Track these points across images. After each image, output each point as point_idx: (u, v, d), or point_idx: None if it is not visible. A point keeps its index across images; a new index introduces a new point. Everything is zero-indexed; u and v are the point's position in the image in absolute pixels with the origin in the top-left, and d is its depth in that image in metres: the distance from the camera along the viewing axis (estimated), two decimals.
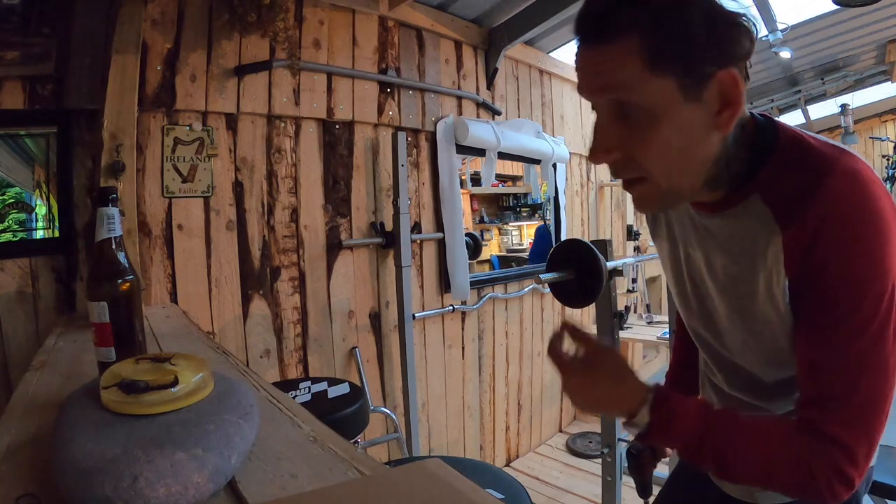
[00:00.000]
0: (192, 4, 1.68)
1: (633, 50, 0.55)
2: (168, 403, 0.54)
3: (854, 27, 3.40)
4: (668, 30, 0.54)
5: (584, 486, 2.58)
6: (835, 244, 0.54)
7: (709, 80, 0.56)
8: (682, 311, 0.82)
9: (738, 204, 0.63)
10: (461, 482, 0.47)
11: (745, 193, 0.62)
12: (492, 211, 5.65)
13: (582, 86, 0.61)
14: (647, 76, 0.55)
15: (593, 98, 0.60)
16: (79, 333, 1.22)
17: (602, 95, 0.59)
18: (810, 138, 0.60)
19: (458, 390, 2.63)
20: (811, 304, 0.57)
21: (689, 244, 0.74)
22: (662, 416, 0.60)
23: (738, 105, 0.57)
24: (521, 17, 2.52)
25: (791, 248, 0.57)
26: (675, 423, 0.60)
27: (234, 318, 1.83)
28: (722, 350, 0.74)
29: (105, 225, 0.71)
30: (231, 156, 1.82)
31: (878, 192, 0.54)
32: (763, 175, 0.61)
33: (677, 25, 0.54)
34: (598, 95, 0.59)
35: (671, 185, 0.61)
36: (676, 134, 0.57)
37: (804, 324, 0.59)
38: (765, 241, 0.60)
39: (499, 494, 1.17)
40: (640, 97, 0.56)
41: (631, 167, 0.61)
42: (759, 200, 0.61)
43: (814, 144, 0.59)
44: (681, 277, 0.78)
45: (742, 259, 0.64)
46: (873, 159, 5.53)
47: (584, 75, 0.60)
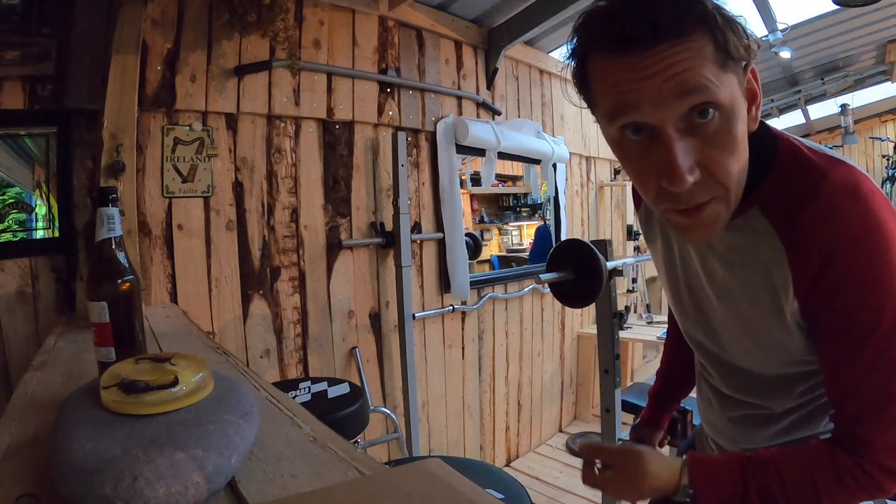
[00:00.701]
0: (192, 4, 1.68)
1: (707, 45, 0.50)
2: (168, 403, 0.54)
3: (854, 27, 3.40)
4: (729, 22, 0.51)
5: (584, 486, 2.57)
6: (845, 267, 0.54)
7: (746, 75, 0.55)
8: (677, 315, 0.81)
9: (739, 217, 0.61)
10: (461, 482, 0.47)
11: (747, 206, 0.61)
12: (492, 211, 5.65)
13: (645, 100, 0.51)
14: (719, 73, 0.51)
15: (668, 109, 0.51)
16: (79, 333, 1.22)
17: (685, 100, 0.50)
18: (808, 150, 0.59)
19: (458, 390, 2.63)
20: (830, 327, 0.57)
21: (684, 250, 0.74)
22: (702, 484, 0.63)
23: (760, 100, 0.57)
24: (521, 17, 2.53)
25: (799, 270, 0.57)
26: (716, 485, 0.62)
27: (234, 318, 1.83)
28: (722, 354, 0.74)
29: (105, 225, 0.71)
30: (231, 156, 1.82)
31: (879, 205, 0.54)
32: (764, 188, 0.60)
33: (734, 19, 0.52)
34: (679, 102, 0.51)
35: (735, 198, 0.57)
36: (743, 134, 0.54)
37: (826, 345, 0.59)
38: (767, 256, 0.60)
39: (499, 494, 1.17)
40: (722, 96, 0.51)
41: (705, 187, 0.55)
42: (760, 214, 0.60)
43: (814, 159, 0.58)
44: (676, 283, 0.77)
45: (742, 272, 0.64)
46: (873, 159, 5.53)
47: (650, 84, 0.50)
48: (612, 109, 0.54)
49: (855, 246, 0.53)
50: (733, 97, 0.52)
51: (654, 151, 0.54)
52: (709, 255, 0.68)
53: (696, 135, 0.52)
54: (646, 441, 0.98)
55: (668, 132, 0.52)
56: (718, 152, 0.53)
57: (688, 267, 0.74)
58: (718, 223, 0.58)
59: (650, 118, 0.52)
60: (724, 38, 0.50)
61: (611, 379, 1.41)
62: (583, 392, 3.48)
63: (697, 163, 0.53)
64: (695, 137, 0.52)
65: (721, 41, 0.50)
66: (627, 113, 0.53)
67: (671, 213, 0.58)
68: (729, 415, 0.77)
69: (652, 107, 0.51)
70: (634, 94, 0.51)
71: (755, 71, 0.56)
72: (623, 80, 0.52)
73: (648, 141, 0.54)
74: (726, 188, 0.55)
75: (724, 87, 0.51)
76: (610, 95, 0.54)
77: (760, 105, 0.57)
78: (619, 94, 0.53)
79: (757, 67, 0.57)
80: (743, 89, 0.55)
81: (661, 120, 0.52)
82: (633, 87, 0.51)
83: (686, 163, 0.52)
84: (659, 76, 0.50)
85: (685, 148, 0.52)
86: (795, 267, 0.57)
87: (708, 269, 0.69)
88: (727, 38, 0.50)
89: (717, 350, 0.74)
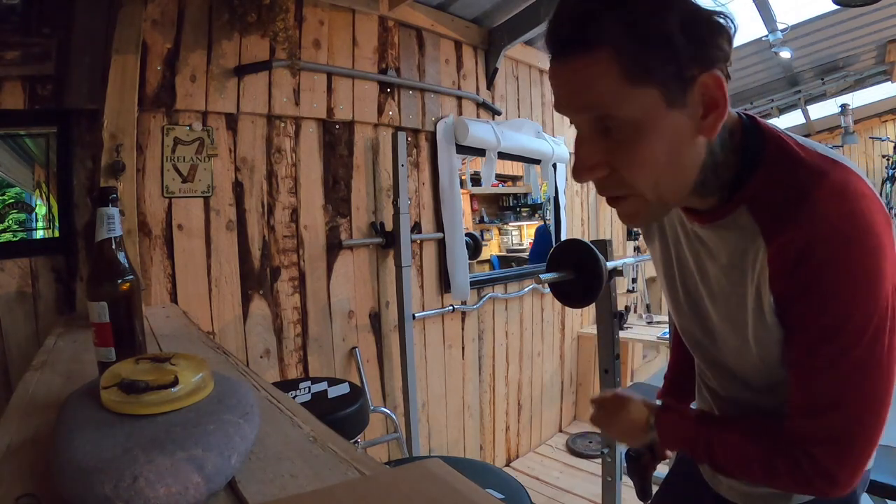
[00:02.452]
0: (192, 4, 1.68)
1: (610, 62, 0.51)
2: (168, 403, 0.54)
3: (854, 27, 3.40)
4: (645, 38, 0.51)
5: (584, 486, 2.58)
6: (818, 266, 0.53)
7: (692, 85, 0.53)
8: (674, 315, 0.81)
9: (727, 216, 0.62)
10: (461, 482, 0.47)
11: (734, 206, 0.61)
12: (492, 211, 5.66)
13: (560, 103, 0.58)
14: (626, 89, 0.52)
15: (573, 116, 0.58)
16: (79, 333, 1.22)
17: (582, 113, 0.56)
18: (798, 148, 0.58)
19: (458, 390, 2.63)
20: (796, 322, 0.58)
21: (680, 249, 0.74)
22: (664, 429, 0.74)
23: (723, 108, 0.55)
24: (521, 17, 2.53)
25: (775, 266, 0.57)
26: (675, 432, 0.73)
27: (234, 318, 1.83)
28: (717, 354, 0.73)
29: (105, 225, 0.71)
30: (231, 156, 1.83)
31: (868, 207, 0.53)
32: (751, 187, 0.59)
33: (654, 32, 0.51)
34: (577, 113, 0.57)
35: (659, 198, 0.59)
36: (663, 145, 0.55)
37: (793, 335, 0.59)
38: (753, 255, 0.60)
39: (499, 494, 1.17)
40: (622, 111, 0.53)
41: (616, 183, 0.59)
42: (747, 213, 0.60)
43: (802, 157, 0.57)
44: (673, 282, 0.77)
45: (731, 272, 0.64)
46: (873, 159, 5.53)
47: (560, 92, 0.57)
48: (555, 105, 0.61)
49: (836, 246, 0.52)
50: (645, 112, 0.53)
51: None
52: (702, 253, 0.68)
53: (608, 138, 0.56)
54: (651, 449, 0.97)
55: (579, 130, 0.59)
56: (624, 158, 0.56)
57: (683, 266, 0.74)
58: (640, 216, 0.62)
59: (569, 119, 0.59)
60: (635, 56, 0.51)
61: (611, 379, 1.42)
62: (583, 392, 3.48)
63: (606, 162, 0.58)
64: (607, 140, 0.57)
65: (629, 59, 0.51)
66: (559, 111, 0.59)
67: None
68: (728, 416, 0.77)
69: (567, 111, 0.58)
70: (557, 98, 0.58)
71: (717, 79, 0.54)
72: (552, 85, 0.58)
73: None
74: (637, 189, 0.58)
75: (631, 102, 0.53)
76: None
77: (723, 114, 0.55)
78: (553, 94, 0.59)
79: (757, 67, 0.56)
80: (688, 99, 0.54)
81: (575, 122, 0.59)
82: (556, 91, 0.58)
83: (588, 160, 0.58)
84: (565, 87, 0.56)
85: (591, 148, 0.58)
86: (773, 263, 0.57)
87: (701, 269, 0.69)
88: (638, 55, 0.51)
89: (714, 351, 0.74)
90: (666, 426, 0.73)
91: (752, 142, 0.60)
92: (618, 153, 0.56)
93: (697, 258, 0.70)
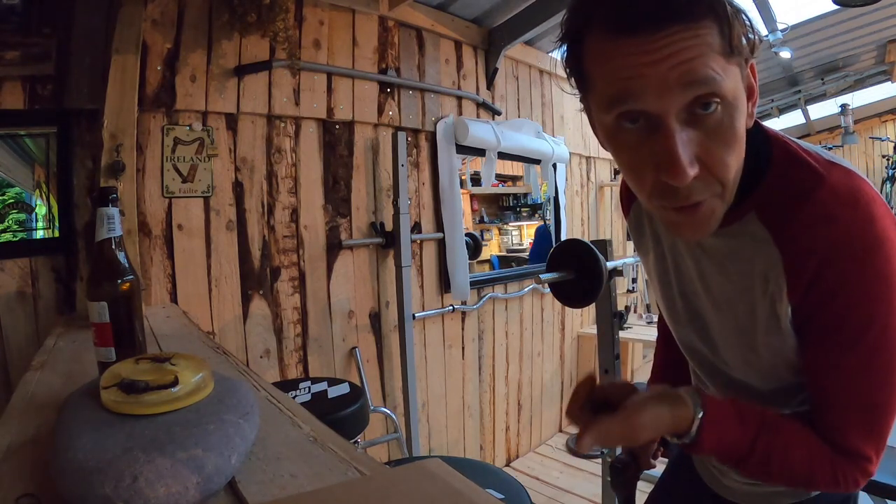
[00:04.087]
0: (192, 4, 1.68)
1: (714, 33, 0.47)
2: (168, 403, 0.54)
3: (854, 27, 3.41)
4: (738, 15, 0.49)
5: (584, 486, 2.58)
6: (841, 275, 0.53)
7: (747, 68, 0.53)
8: (670, 323, 0.79)
9: (735, 222, 0.60)
10: (461, 482, 0.47)
11: (742, 212, 0.59)
12: (492, 211, 5.66)
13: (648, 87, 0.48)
14: (725, 63, 0.48)
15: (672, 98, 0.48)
16: (79, 333, 1.22)
17: (691, 90, 0.48)
18: (805, 153, 0.57)
19: (458, 390, 2.63)
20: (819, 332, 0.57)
21: (678, 257, 0.72)
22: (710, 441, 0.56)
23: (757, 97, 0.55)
24: (521, 17, 2.52)
25: (795, 277, 0.56)
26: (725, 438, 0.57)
27: (234, 318, 1.83)
28: (719, 363, 0.72)
29: (105, 225, 0.71)
30: (231, 156, 1.83)
31: (880, 213, 0.53)
32: (760, 193, 0.58)
33: (741, 11, 0.49)
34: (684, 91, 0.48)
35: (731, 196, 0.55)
36: (743, 129, 0.52)
37: (812, 349, 0.58)
38: (763, 263, 0.58)
39: (499, 494, 1.17)
40: (725, 87, 0.48)
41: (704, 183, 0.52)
42: (756, 220, 0.59)
43: (810, 162, 0.56)
44: (669, 291, 0.75)
45: (738, 279, 0.62)
46: (873, 159, 5.53)
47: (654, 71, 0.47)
48: (612, 96, 0.51)
49: (854, 254, 0.52)
50: (736, 90, 0.50)
51: (652, 142, 0.50)
52: (704, 261, 0.67)
53: (698, 127, 0.50)
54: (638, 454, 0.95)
55: (670, 122, 0.49)
56: (719, 146, 0.50)
57: (682, 274, 0.72)
58: (713, 221, 0.56)
59: (652, 107, 0.49)
60: (731, 29, 0.48)
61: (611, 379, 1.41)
62: None
63: (696, 157, 0.50)
64: (696, 129, 0.50)
65: (727, 32, 0.48)
66: (628, 100, 0.49)
67: (667, 210, 0.55)
68: None
69: (656, 95, 0.48)
70: (638, 81, 0.48)
71: (754, 67, 0.55)
72: (626, 65, 0.48)
73: (646, 131, 0.51)
74: (723, 185, 0.53)
75: (729, 79, 0.49)
76: (611, 80, 0.50)
77: (757, 102, 0.56)
78: (621, 79, 0.49)
79: (757, 67, 0.56)
80: (744, 84, 0.53)
81: (663, 109, 0.48)
82: (637, 72, 0.48)
83: (687, 155, 0.49)
84: (665, 62, 0.47)
85: (686, 140, 0.49)
86: (791, 274, 0.56)
87: (704, 277, 0.68)
88: (734, 29, 0.48)
89: (714, 359, 0.72)
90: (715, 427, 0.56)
91: (759, 148, 0.59)
92: (711, 141, 0.50)
93: (699, 266, 0.68)
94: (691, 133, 0.49)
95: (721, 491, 0.80)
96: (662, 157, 0.50)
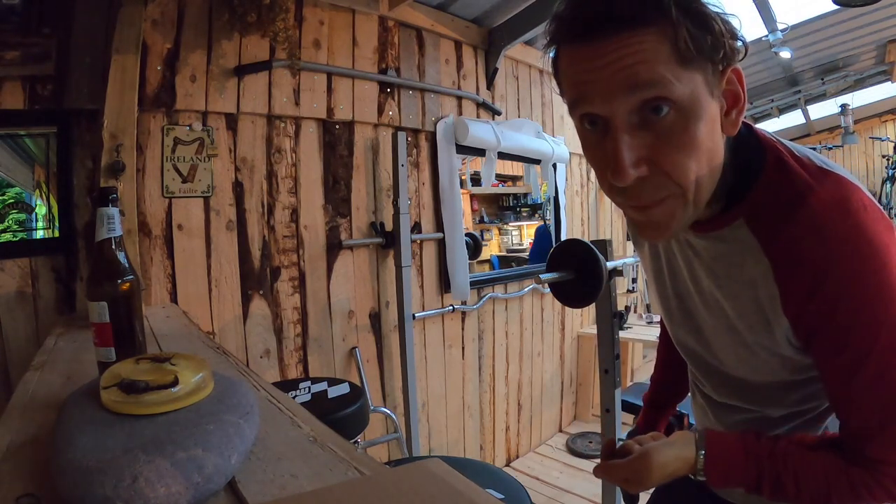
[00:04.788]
0: (192, 4, 1.68)
1: (663, 38, 0.48)
2: (168, 403, 0.54)
3: (854, 27, 3.41)
4: (697, 16, 0.49)
5: (584, 486, 2.58)
6: (839, 286, 0.53)
7: (723, 76, 0.53)
8: (666, 321, 0.80)
9: (724, 227, 0.60)
10: (461, 482, 0.47)
11: (731, 217, 0.59)
12: (492, 211, 5.66)
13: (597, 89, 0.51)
14: (678, 69, 0.49)
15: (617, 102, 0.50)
16: (79, 333, 1.22)
17: (635, 94, 0.50)
18: (794, 160, 0.57)
19: (458, 390, 2.63)
20: (828, 345, 0.56)
21: (672, 256, 0.72)
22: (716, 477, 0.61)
23: (744, 103, 0.55)
24: (521, 17, 2.53)
25: (788, 288, 0.56)
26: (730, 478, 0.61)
27: (234, 318, 1.83)
28: (713, 361, 0.72)
29: (105, 225, 0.71)
30: (231, 156, 1.83)
31: (872, 219, 0.53)
32: (749, 200, 0.58)
33: (703, 14, 0.50)
34: (628, 96, 0.50)
35: (696, 196, 0.55)
36: (707, 135, 0.53)
37: (825, 363, 0.58)
38: (752, 271, 0.59)
39: (499, 494, 1.17)
40: (676, 92, 0.49)
41: (655, 185, 0.53)
42: (745, 226, 0.59)
43: (800, 170, 0.56)
44: (664, 290, 0.76)
45: (727, 283, 0.63)
46: (873, 159, 5.52)
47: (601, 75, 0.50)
48: (571, 99, 0.54)
49: (849, 265, 0.52)
50: (694, 96, 0.51)
51: (605, 143, 0.53)
52: (695, 262, 0.67)
53: (649, 130, 0.51)
54: None
55: (616, 124, 0.51)
56: (671, 150, 0.52)
57: (675, 274, 0.73)
58: (673, 223, 0.56)
59: (600, 110, 0.52)
60: (688, 34, 0.49)
61: (611, 379, 1.41)
62: (583, 392, 3.48)
63: (648, 159, 0.52)
64: (647, 132, 0.51)
65: (683, 36, 0.48)
66: (582, 104, 0.53)
67: (625, 207, 0.58)
68: (725, 421, 0.76)
69: (602, 99, 0.51)
70: (588, 86, 0.51)
71: (740, 73, 0.54)
72: (580, 71, 0.52)
73: (602, 133, 0.54)
74: (682, 187, 0.53)
75: (683, 84, 0.50)
76: (571, 85, 0.54)
77: (744, 109, 0.55)
78: (576, 84, 0.53)
79: (757, 67, 0.56)
80: (718, 90, 0.53)
81: (610, 112, 0.51)
82: (587, 77, 0.51)
83: (630, 157, 0.51)
84: (610, 67, 0.49)
85: (632, 142, 0.51)
86: (783, 284, 0.56)
87: (695, 277, 0.68)
88: (691, 33, 0.49)
89: (709, 358, 0.73)
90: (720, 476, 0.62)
91: (749, 152, 0.59)
92: (663, 144, 0.51)
93: (690, 266, 0.68)
94: (642, 135, 0.52)
95: (722, 493, 0.80)
96: (610, 157, 0.53)
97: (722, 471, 0.61)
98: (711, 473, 0.61)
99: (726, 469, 0.61)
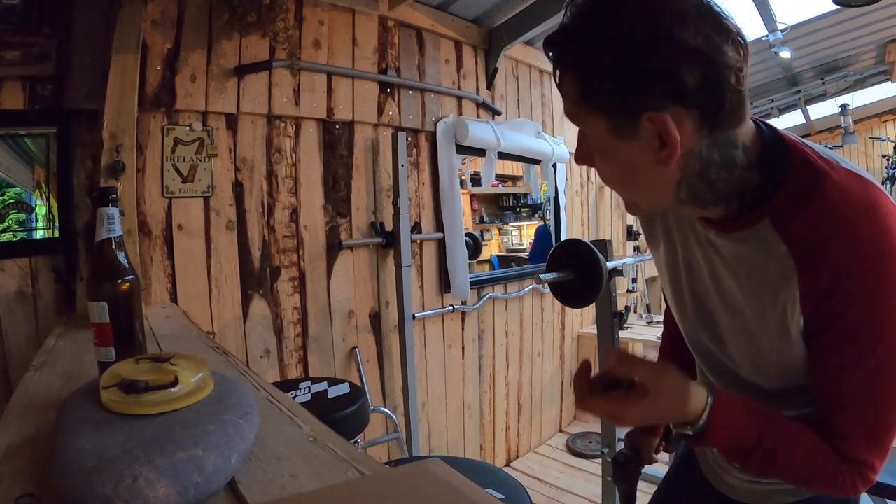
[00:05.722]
0: (192, 4, 1.68)
1: (573, 83, 0.57)
2: (168, 403, 0.54)
3: (854, 27, 3.40)
4: (591, 70, 0.54)
5: (584, 486, 2.58)
6: (855, 288, 0.53)
7: (639, 121, 0.54)
8: (679, 320, 0.79)
9: (748, 228, 0.60)
10: (461, 482, 0.47)
11: (755, 218, 0.60)
12: (492, 211, 5.65)
13: None
14: (580, 109, 0.58)
15: None
16: (79, 333, 1.22)
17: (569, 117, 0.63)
18: (823, 163, 0.57)
19: (458, 390, 2.63)
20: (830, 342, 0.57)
21: (690, 254, 0.72)
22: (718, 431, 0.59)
23: (672, 147, 0.54)
24: (521, 17, 2.53)
25: (808, 290, 0.56)
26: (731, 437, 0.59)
27: (234, 318, 1.83)
28: (727, 362, 0.72)
29: (105, 225, 0.71)
30: (231, 156, 1.82)
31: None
32: (776, 203, 0.58)
33: (600, 65, 0.53)
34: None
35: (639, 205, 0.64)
36: (617, 168, 0.61)
37: (822, 359, 0.59)
38: (776, 272, 0.59)
39: (499, 494, 1.17)
40: (583, 126, 0.60)
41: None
42: (770, 228, 0.59)
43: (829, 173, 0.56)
44: (679, 286, 0.75)
45: (749, 284, 0.63)
46: (873, 159, 5.53)
47: None
48: None
49: (870, 266, 0.53)
50: (597, 134, 0.59)
51: None
52: (716, 261, 0.67)
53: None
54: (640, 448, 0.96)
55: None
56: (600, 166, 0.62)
57: (692, 272, 0.72)
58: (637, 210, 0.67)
59: None
60: (584, 82, 0.55)
61: None
62: None
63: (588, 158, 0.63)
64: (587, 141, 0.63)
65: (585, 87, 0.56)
66: None
67: None
68: None
69: None
70: None
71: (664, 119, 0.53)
72: None
73: None
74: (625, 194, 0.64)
75: (586, 122, 0.59)
76: None
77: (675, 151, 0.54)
78: None
79: (757, 67, 0.57)
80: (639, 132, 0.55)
81: None
82: None
83: (578, 152, 0.64)
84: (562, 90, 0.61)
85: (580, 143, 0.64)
86: (805, 285, 0.56)
87: (715, 276, 0.68)
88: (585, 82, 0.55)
89: (722, 357, 0.73)
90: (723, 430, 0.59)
91: (775, 156, 0.59)
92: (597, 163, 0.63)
93: (711, 265, 0.68)
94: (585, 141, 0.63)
95: (724, 489, 0.80)
96: None
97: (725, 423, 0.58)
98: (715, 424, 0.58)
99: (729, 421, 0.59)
